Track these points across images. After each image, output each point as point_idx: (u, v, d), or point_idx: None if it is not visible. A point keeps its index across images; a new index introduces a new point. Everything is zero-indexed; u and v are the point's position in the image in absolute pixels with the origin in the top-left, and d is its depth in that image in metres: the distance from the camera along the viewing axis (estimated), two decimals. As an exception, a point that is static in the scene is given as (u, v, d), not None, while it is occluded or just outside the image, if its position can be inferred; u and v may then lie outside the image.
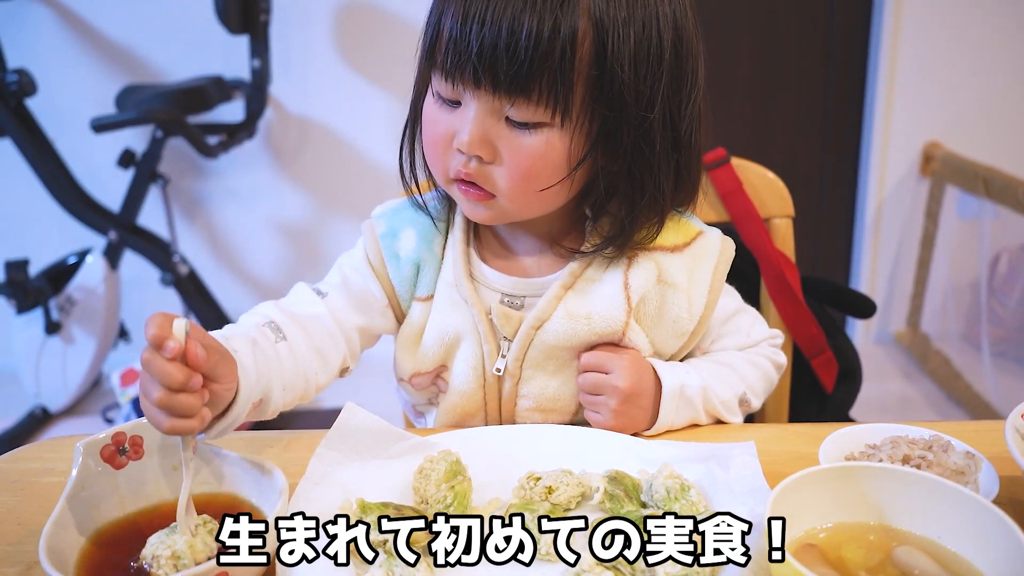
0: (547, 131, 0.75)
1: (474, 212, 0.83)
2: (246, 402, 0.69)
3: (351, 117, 2.65)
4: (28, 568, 0.64)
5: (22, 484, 0.75)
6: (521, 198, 0.79)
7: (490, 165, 0.77)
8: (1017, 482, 0.68)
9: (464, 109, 0.76)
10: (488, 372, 0.87)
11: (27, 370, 2.48)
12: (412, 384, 0.91)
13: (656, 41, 0.74)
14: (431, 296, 0.88)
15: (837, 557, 0.57)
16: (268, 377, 0.73)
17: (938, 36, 2.53)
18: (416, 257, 0.88)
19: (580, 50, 0.72)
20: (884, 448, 0.69)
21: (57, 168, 2.37)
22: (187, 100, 2.28)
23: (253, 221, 2.77)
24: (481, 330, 0.86)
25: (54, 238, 2.70)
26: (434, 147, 0.80)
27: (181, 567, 0.59)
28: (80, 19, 2.55)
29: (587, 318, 0.83)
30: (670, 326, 0.86)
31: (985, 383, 2.41)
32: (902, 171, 2.68)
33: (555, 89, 0.72)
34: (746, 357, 0.91)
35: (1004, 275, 2.57)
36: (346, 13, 2.54)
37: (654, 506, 0.68)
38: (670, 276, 0.85)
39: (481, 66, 0.72)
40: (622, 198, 0.81)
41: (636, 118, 0.75)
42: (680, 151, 0.80)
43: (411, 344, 0.89)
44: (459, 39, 0.73)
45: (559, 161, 0.77)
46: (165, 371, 0.59)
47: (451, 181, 0.81)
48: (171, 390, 0.59)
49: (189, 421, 0.61)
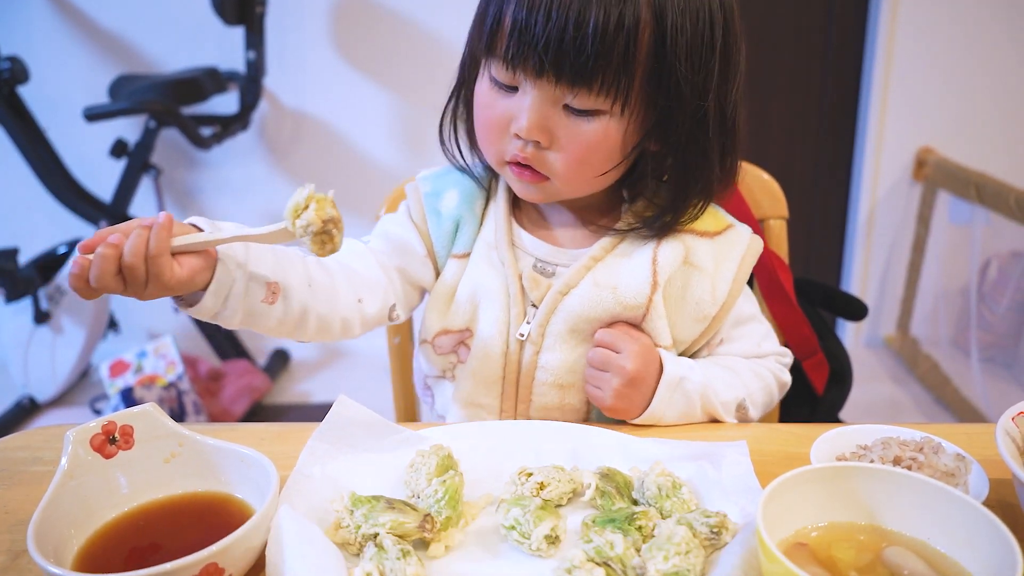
0: (604, 118, 0.78)
1: (526, 192, 0.86)
2: (236, 266, 0.73)
3: (345, 110, 2.65)
4: (15, 557, 0.63)
5: (10, 473, 0.75)
6: (575, 181, 0.82)
7: (546, 150, 0.80)
8: (1007, 485, 0.68)
9: (522, 95, 0.78)
10: (512, 338, 0.88)
11: (15, 359, 2.46)
12: (435, 345, 0.92)
13: (709, 30, 0.77)
14: (467, 254, 0.90)
15: (828, 556, 0.57)
16: (283, 267, 0.77)
17: (933, 42, 2.54)
18: (457, 214, 0.91)
19: (641, 41, 0.74)
20: (875, 449, 0.69)
21: (49, 157, 2.36)
22: (181, 91, 2.26)
23: (246, 213, 2.76)
24: (512, 292, 0.88)
25: (44, 227, 2.69)
26: (489, 131, 0.83)
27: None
28: (74, 7, 2.53)
29: (613, 288, 0.85)
30: (692, 308, 0.87)
31: (973, 388, 2.42)
32: (895, 175, 2.70)
33: (617, 79, 0.74)
34: (751, 367, 0.92)
35: (994, 281, 2.59)
36: (342, 7, 2.53)
37: (645, 503, 0.68)
38: (697, 259, 0.87)
39: (546, 57, 0.74)
40: (672, 181, 0.84)
41: (691, 106, 0.78)
42: (727, 135, 0.82)
43: (443, 300, 0.91)
44: (523, 30, 0.74)
45: (614, 147, 0.80)
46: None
47: (504, 163, 0.83)
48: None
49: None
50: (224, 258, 0.72)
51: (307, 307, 0.80)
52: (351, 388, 0.85)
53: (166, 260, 0.67)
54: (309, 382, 2.73)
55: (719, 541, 0.62)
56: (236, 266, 0.73)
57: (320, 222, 0.66)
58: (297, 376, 2.78)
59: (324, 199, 0.67)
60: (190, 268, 0.70)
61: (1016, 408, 0.67)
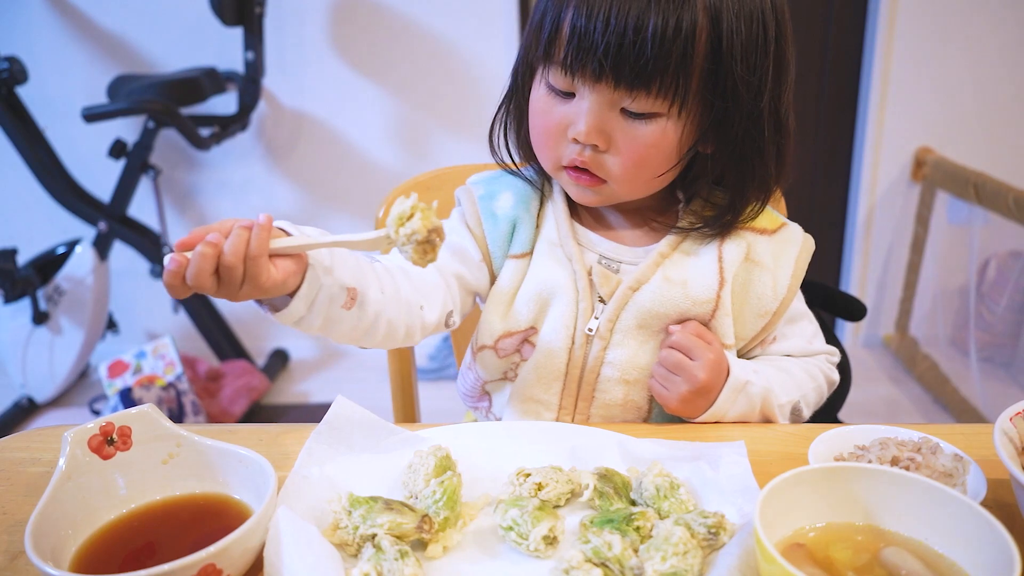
0: (661, 120, 0.79)
1: (582, 196, 0.86)
2: (324, 272, 0.73)
3: (344, 111, 2.65)
4: (13, 558, 0.63)
5: (8, 474, 0.75)
6: (633, 183, 0.83)
7: (604, 153, 0.81)
8: (1005, 485, 0.68)
9: (579, 100, 0.79)
10: (579, 332, 0.88)
11: (14, 360, 2.46)
12: (497, 349, 0.91)
13: (763, 32, 0.78)
14: (527, 254, 0.90)
15: (825, 557, 0.57)
16: (361, 272, 0.77)
17: (931, 42, 2.55)
18: (513, 215, 0.91)
19: (698, 44, 0.75)
20: (873, 449, 0.69)
21: (47, 157, 2.36)
22: (180, 91, 2.26)
23: (244, 214, 2.73)
24: (580, 287, 0.88)
25: (43, 227, 2.69)
26: (546, 137, 0.84)
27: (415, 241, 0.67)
28: (73, 7, 2.53)
29: (683, 284, 0.86)
30: (755, 303, 0.88)
31: (972, 388, 2.42)
32: (894, 176, 2.70)
33: (674, 83, 0.76)
34: (804, 367, 0.93)
35: (992, 280, 2.59)
36: (341, 7, 2.53)
37: (643, 504, 0.68)
38: (758, 255, 0.88)
39: (605, 62, 0.75)
40: (730, 182, 0.85)
41: (746, 106, 0.79)
42: (781, 136, 0.83)
43: (503, 303, 0.90)
44: (583, 36, 0.75)
45: (671, 149, 0.81)
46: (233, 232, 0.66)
47: (560, 168, 0.84)
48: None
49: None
50: (314, 263, 0.72)
51: (379, 313, 0.80)
52: (349, 388, 0.85)
53: (264, 262, 0.67)
54: (308, 382, 2.73)
55: (717, 542, 0.62)
56: (324, 271, 0.73)
57: (426, 231, 0.67)
58: (296, 376, 2.78)
59: (428, 209, 0.68)
60: (284, 271, 0.69)
61: (1014, 408, 0.67)
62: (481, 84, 2.60)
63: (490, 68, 2.58)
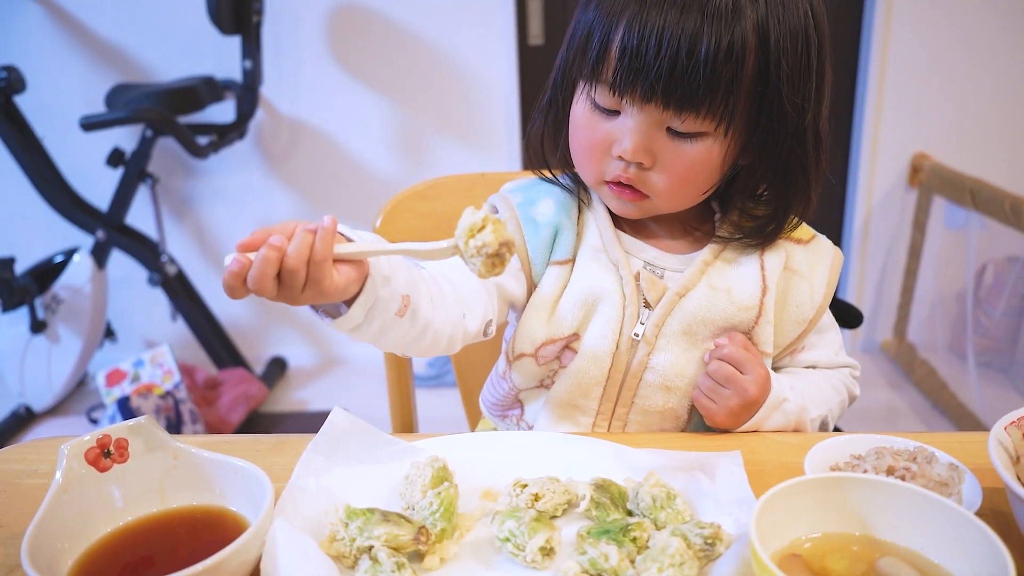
0: (708, 140, 0.79)
1: (623, 209, 0.87)
2: (383, 280, 0.72)
3: (342, 119, 2.65)
4: (10, 572, 0.63)
5: (4, 486, 0.75)
6: (676, 199, 0.84)
7: (648, 171, 0.81)
8: (1000, 494, 0.68)
9: (624, 118, 0.80)
10: (624, 336, 0.88)
11: (11, 369, 2.46)
12: (538, 356, 0.90)
13: (806, 50, 0.78)
14: (570, 260, 0.90)
15: (821, 567, 0.57)
16: (413, 280, 0.76)
17: (927, 48, 2.56)
18: (555, 222, 0.91)
19: (747, 64, 0.75)
20: (869, 459, 0.69)
21: (45, 166, 2.36)
22: (178, 100, 2.27)
23: (242, 222, 2.76)
24: (627, 292, 0.88)
25: (41, 236, 2.69)
26: (590, 153, 0.84)
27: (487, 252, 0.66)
28: (71, 16, 2.54)
29: (727, 291, 0.87)
30: (793, 311, 0.89)
31: (970, 393, 2.42)
32: (890, 182, 2.70)
33: (724, 104, 0.76)
34: (831, 382, 0.94)
35: (990, 286, 2.59)
36: (338, 16, 2.54)
37: (640, 514, 0.68)
38: (796, 264, 0.90)
39: (658, 86, 0.74)
40: (773, 195, 0.86)
41: (792, 125, 0.79)
42: (820, 151, 0.84)
43: (546, 309, 0.89)
44: (634, 57, 0.75)
45: (715, 167, 0.82)
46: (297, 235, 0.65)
47: (603, 183, 0.85)
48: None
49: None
50: (373, 271, 0.71)
51: (429, 322, 0.79)
52: (347, 396, 0.85)
53: (328, 267, 0.66)
54: (306, 390, 2.73)
55: (713, 552, 0.62)
56: (383, 279, 0.72)
57: (497, 244, 0.67)
58: (294, 384, 2.77)
59: (499, 222, 0.67)
60: (346, 277, 0.68)
61: (1009, 417, 0.67)
62: (479, 92, 2.61)
63: (488, 76, 2.59)
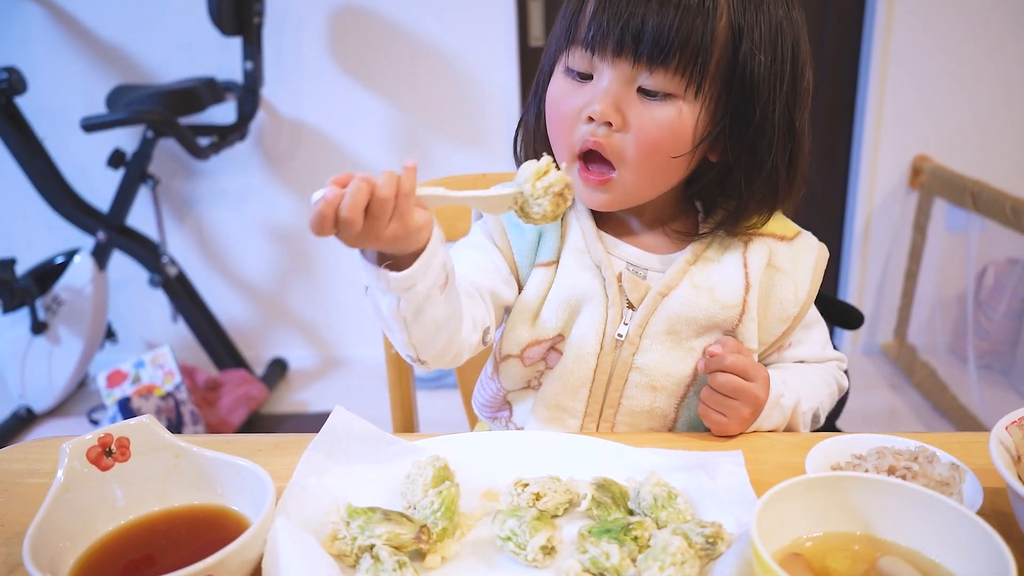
0: (677, 103, 0.80)
1: (591, 198, 0.87)
2: (440, 239, 0.73)
3: (342, 120, 2.65)
4: (11, 571, 0.63)
5: (6, 485, 0.75)
6: (644, 170, 0.83)
7: (618, 133, 0.82)
8: (1001, 494, 0.69)
9: (596, 81, 0.81)
10: (608, 337, 0.88)
11: (12, 370, 2.46)
12: (524, 357, 0.91)
13: (779, 32, 0.80)
14: (553, 262, 0.90)
15: (822, 567, 0.57)
16: (452, 266, 0.78)
17: (928, 51, 2.56)
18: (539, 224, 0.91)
19: (719, 23, 0.77)
20: (870, 458, 0.69)
21: (46, 167, 2.36)
22: (179, 101, 2.27)
23: (243, 223, 2.76)
24: (610, 293, 0.88)
25: (42, 237, 2.69)
26: (562, 122, 0.85)
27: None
28: (72, 18, 2.54)
29: (710, 290, 0.87)
30: (776, 309, 0.90)
31: (971, 395, 2.42)
32: (891, 184, 2.70)
33: (694, 60, 0.77)
34: (821, 375, 0.94)
35: (990, 288, 2.59)
36: (339, 17, 2.54)
37: (641, 514, 0.68)
38: (779, 261, 0.90)
39: (629, 34, 0.77)
40: (740, 177, 0.86)
41: (763, 99, 0.80)
42: (794, 140, 0.85)
43: (531, 311, 0.90)
44: (607, 7, 0.78)
45: (685, 134, 0.82)
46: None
47: (574, 159, 0.85)
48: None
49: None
50: (435, 228, 0.73)
51: (453, 312, 0.79)
52: (348, 397, 0.85)
53: (413, 201, 0.68)
54: (307, 391, 2.73)
55: (714, 551, 0.62)
56: (439, 240, 0.74)
57: (563, 184, 0.72)
58: (295, 386, 2.78)
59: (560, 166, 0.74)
60: (423, 219, 0.70)
61: (1010, 417, 0.67)
62: (480, 94, 2.61)
63: (489, 78, 2.59)
